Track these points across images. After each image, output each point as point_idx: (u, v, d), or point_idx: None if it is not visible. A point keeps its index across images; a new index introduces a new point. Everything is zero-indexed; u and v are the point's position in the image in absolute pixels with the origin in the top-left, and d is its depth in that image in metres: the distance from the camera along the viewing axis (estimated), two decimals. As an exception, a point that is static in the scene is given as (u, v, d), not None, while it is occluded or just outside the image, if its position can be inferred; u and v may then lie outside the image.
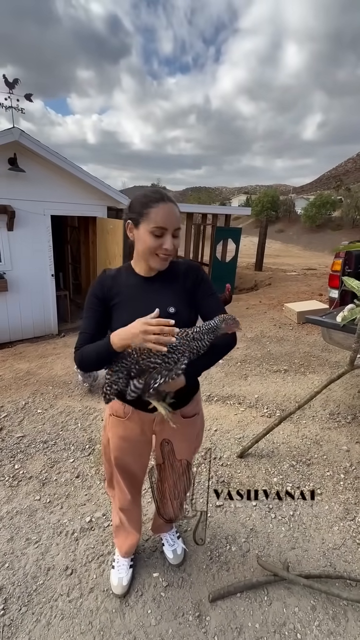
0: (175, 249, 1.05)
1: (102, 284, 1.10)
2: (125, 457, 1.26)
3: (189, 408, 1.21)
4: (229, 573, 1.51)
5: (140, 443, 1.23)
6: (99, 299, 1.09)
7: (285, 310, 5.53)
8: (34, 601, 1.40)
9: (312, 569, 1.50)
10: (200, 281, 1.12)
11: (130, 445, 1.23)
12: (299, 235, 26.95)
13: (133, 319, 1.01)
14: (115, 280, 1.11)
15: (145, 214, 0.99)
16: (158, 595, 1.42)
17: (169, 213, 1.00)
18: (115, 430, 1.23)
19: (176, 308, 1.06)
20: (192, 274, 1.12)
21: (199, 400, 1.29)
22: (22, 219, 5.24)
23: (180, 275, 1.11)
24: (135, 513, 1.41)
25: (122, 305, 1.08)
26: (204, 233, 9.56)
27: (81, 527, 1.74)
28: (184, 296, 1.09)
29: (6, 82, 4.59)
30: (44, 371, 3.67)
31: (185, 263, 1.15)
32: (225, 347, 1.10)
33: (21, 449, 2.35)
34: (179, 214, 1.04)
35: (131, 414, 1.17)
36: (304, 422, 2.65)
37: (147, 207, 0.99)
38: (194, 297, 1.11)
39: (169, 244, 1.01)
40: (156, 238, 1.01)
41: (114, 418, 1.22)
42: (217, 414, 2.78)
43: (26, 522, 1.77)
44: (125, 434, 1.21)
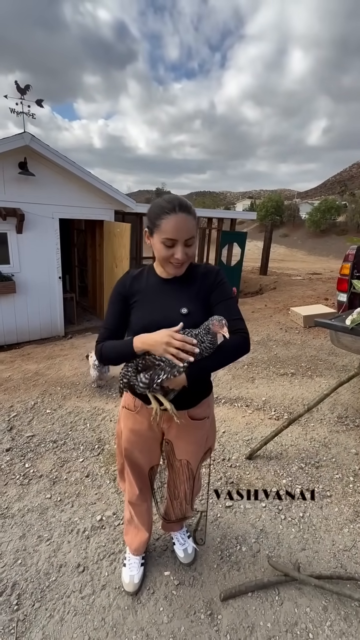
0: (189, 257, 1.06)
1: (125, 283, 1.16)
2: (135, 450, 1.28)
3: (198, 410, 1.22)
4: (239, 573, 1.51)
5: (149, 439, 1.26)
6: (121, 296, 1.15)
7: (292, 314, 5.53)
8: (47, 597, 1.42)
9: (322, 570, 1.50)
10: (217, 284, 1.13)
11: (140, 439, 1.25)
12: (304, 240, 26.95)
13: (148, 317, 1.08)
14: (136, 279, 1.16)
15: (157, 225, 1.02)
16: (170, 593, 1.43)
17: (179, 224, 1.00)
18: (126, 423, 1.26)
19: (189, 309, 1.08)
20: (210, 277, 1.14)
21: (211, 404, 1.30)
22: (31, 222, 5.32)
23: (198, 278, 1.13)
24: (143, 509, 1.42)
25: (139, 304, 1.13)
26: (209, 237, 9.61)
27: (92, 525, 1.76)
28: (199, 298, 1.11)
29: (18, 88, 4.68)
30: (52, 372, 3.70)
31: (205, 267, 1.17)
32: (232, 349, 1.07)
33: (31, 448, 2.38)
34: (193, 224, 1.03)
35: (141, 408, 1.21)
36: (312, 424, 2.65)
37: (159, 218, 1.01)
38: (209, 300, 1.13)
39: (179, 254, 1.03)
40: (168, 248, 1.04)
41: (126, 410, 1.26)
42: (225, 416, 2.79)
43: (37, 520, 1.79)
44: (135, 427, 1.24)
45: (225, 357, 1.08)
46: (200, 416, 1.24)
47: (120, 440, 1.33)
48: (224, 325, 1.00)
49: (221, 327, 1.00)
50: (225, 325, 1.00)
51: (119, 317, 1.15)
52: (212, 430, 1.35)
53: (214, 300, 1.13)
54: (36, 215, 5.35)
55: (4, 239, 5.22)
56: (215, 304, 1.13)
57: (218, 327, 1.00)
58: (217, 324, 1.00)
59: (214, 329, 1.01)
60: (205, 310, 1.12)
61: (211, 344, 1.02)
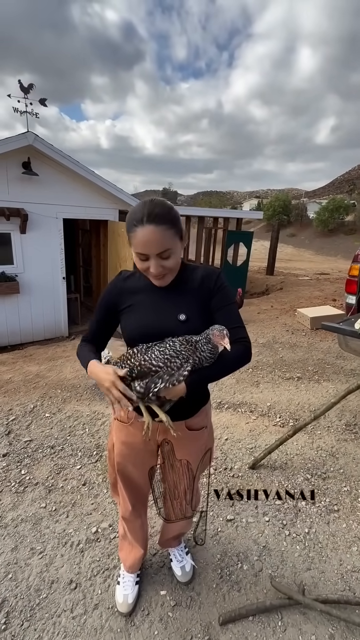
0: (168, 269, 0.97)
1: (114, 288, 1.09)
2: (128, 464, 1.21)
3: (195, 420, 1.15)
4: (240, 594, 1.42)
5: (143, 452, 1.18)
6: (107, 304, 1.10)
7: (298, 316, 5.41)
8: (36, 616, 1.35)
9: (329, 592, 1.41)
10: (217, 289, 1.05)
11: (133, 453, 1.18)
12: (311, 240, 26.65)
13: (143, 323, 1.01)
14: (128, 283, 1.08)
15: (130, 237, 0.94)
16: (165, 615, 1.35)
17: (146, 238, 0.90)
18: (118, 435, 1.19)
19: (187, 316, 1.00)
20: (210, 281, 1.05)
21: (208, 412, 1.22)
22: (35, 222, 5.28)
23: (197, 282, 1.05)
24: (137, 526, 1.35)
25: (134, 309, 1.05)
26: (215, 237, 9.51)
27: (87, 537, 1.69)
28: (198, 304, 1.03)
29: (21, 87, 4.65)
30: (53, 374, 3.65)
31: (205, 269, 1.08)
32: (234, 359, 1.00)
33: (28, 454, 2.32)
34: (167, 234, 0.91)
35: (134, 419, 1.13)
36: (319, 432, 2.55)
37: (130, 229, 0.93)
38: (209, 305, 1.05)
39: (153, 268, 0.95)
40: (142, 261, 0.96)
41: (118, 422, 1.18)
42: (228, 422, 2.70)
43: (31, 531, 1.73)
44: (128, 440, 1.16)
45: (226, 367, 1.01)
46: (198, 426, 1.16)
47: (112, 453, 1.25)
48: (225, 336, 0.93)
49: (222, 337, 0.93)
50: (227, 336, 0.93)
51: (102, 323, 1.12)
52: (210, 441, 1.27)
53: (215, 306, 1.04)
54: (40, 215, 5.32)
55: (7, 239, 5.20)
56: (215, 310, 1.04)
57: (219, 337, 0.93)
58: (217, 334, 0.94)
59: (214, 340, 0.94)
60: (204, 316, 1.03)
61: (211, 354, 0.96)
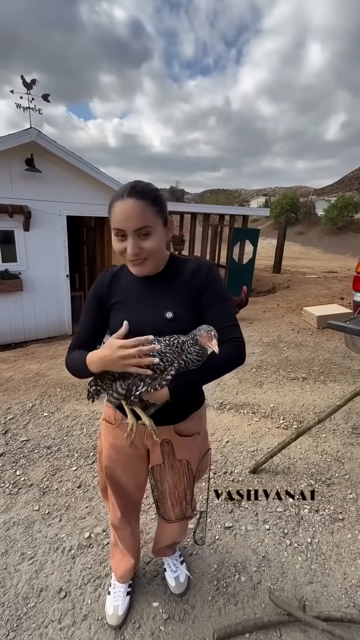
0: (147, 251, 0.88)
1: (102, 283, 1.02)
2: (117, 469, 1.14)
3: (185, 425, 1.06)
4: (237, 608, 1.35)
5: (132, 457, 1.11)
6: (97, 298, 1.02)
7: (305, 314, 5.29)
8: (22, 626, 1.29)
9: (332, 609, 1.32)
10: (208, 284, 0.96)
11: (122, 457, 1.11)
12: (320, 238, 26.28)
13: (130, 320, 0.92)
14: (116, 278, 1.02)
15: (110, 215, 0.89)
16: (157, 629, 1.28)
17: (125, 211, 0.84)
18: (106, 437, 1.12)
19: (175, 313, 0.92)
20: (200, 275, 0.97)
21: (202, 418, 1.14)
22: (38, 220, 5.25)
23: (186, 276, 0.97)
24: (127, 534, 1.27)
25: (120, 306, 0.98)
26: (221, 234, 9.39)
27: (79, 543, 1.63)
28: (187, 300, 0.95)
29: (24, 82, 4.61)
30: (53, 372, 3.61)
31: (196, 262, 1.00)
32: (224, 361, 0.92)
33: (24, 454, 2.27)
34: (148, 211, 0.85)
35: (121, 421, 1.06)
36: (324, 435, 2.45)
37: (110, 206, 0.88)
38: (200, 301, 0.96)
39: (130, 248, 0.87)
40: (120, 241, 0.89)
41: (106, 424, 1.12)
42: (230, 423, 2.61)
43: (22, 535, 1.67)
44: (116, 442, 1.09)
45: (215, 371, 0.92)
46: (189, 432, 1.07)
47: (101, 456, 1.18)
48: (213, 338, 0.84)
49: (209, 339, 0.84)
50: (215, 337, 0.84)
51: (94, 323, 1.02)
52: (204, 448, 1.19)
53: (205, 302, 0.96)
54: (43, 212, 5.28)
55: (10, 237, 5.18)
56: (206, 307, 0.96)
57: (206, 339, 0.84)
58: (205, 335, 0.85)
59: (201, 341, 0.86)
60: (194, 313, 0.95)
61: (199, 357, 0.88)
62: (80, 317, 1.04)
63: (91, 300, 1.03)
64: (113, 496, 1.19)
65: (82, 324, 1.03)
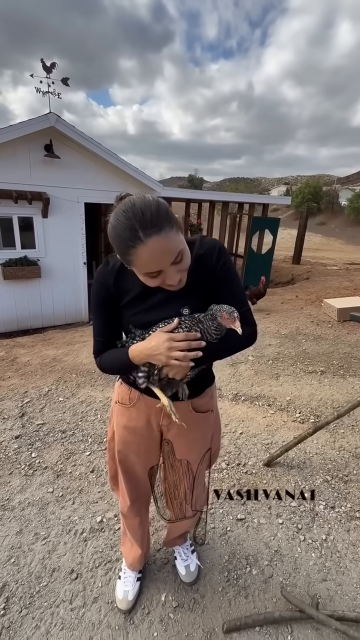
0: (184, 270, 0.83)
1: (106, 284, 0.91)
2: (130, 453, 1.12)
3: (201, 401, 1.06)
4: (247, 600, 1.33)
5: (146, 439, 1.09)
6: (105, 300, 0.93)
7: (325, 307, 5.13)
8: (35, 604, 1.32)
9: (346, 609, 1.28)
10: (219, 267, 0.90)
11: (136, 438, 1.09)
12: (342, 229, 25.41)
13: (142, 319, 0.89)
14: (120, 275, 0.90)
15: (129, 261, 0.78)
16: (166, 616, 1.28)
17: (155, 253, 0.74)
18: (119, 420, 1.10)
19: (191, 308, 0.89)
20: (211, 259, 0.90)
21: (214, 395, 1.14)
22: (56, 206, 5.26)
23: (196, 263, 0.89)
24: (136, 524, 1.27)
25: (132, 305, 0.91)
26: (239, 224, 9.19)
27: (91, 527, 1.64)
28: (200, 289, 0.90)
29: (44, 66, 4.56)
30: (69, 358, 3.65)
31: (201, 244, 0.92)
32: (240, 340, 0.92)
33: (40, 437, 2.31)
34: (173, 239, 0.76)
35: (137, 400, 1.04)
36: (342, 431, 2.38)
37: (126, 254, 0.76)
38: (211, 285, 0.92)
39: (171, 279, 0.81)
40: (154, 278, 0.81)
41: (119, 406, 1.09)
42: (244, 415, 2.57)
43: (36, 516, 1.71)
44: (130, 424, 1.07)
45: (232, 347, 0.92)
46: (205, 408, 1.08)
47: (112, 443, 1.17)
48: (236, 319, 0.82)
49: (232, 321, 0.82)
50: (237, 318, 0.82)
51: (110, 324, 0.96)
52: (217, 426, 1.19)
53: (218, 286, 0.92)
54: (61, 199, 5.29)
55: (29, 224, 5.23)
56: (218, 290, 0.92)
57: (229, 321, 0.83)
58: (226, 316, 0.83)
59: (223, 322, 0.84)
60: (207, 300, 0.91)
61: (217, 332, 0.86)
62: (93, 321, 0.99)
63: (100, 302, 0.94)
64: (124, 484, 1.18)
65: (99, 328, 0.97)
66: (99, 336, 0.98)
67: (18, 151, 4.75)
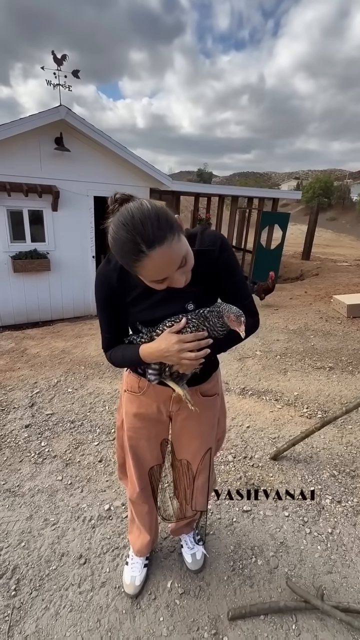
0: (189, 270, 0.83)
1: (109, 283, 0.90)
2: (141, 439, 1.14)
3: (208, 386, 1.09)
4: (252, 589, 1.34)
5: (157, 425, 1.12)
6: (110, 297, 0.92)
7: (334, 303, 5.08)
8: (45, 587, 1.36)
9: (351, 601, 1.29)
10: (222, 260, 0.90)
11: (146, 425, 1.11)
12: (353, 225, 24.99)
13: (148, 317, 0.91)
14: (123, 272, 0.88)
15: (135, 272, 0.78)
16: (172, 602, 1.30)
17: (160, 264, 0.73)
18: (129, 407, 1.12)
19: (195, 303, 0.89)
20: (214, 252, 0.89)
21: (219, 379, 1.16)
22: (66, 200, 5.28)
23: (199, 257, 0.87)
24: (144, 511, 1.29)
25: (137, 302, 0.91)
26: (248, 219, 9.11)
27: (99, 514, 1.67)
28: (203, 283, 0.90)
29: (55, 58, 4.55)
30: (78, 351, 3.69)
31: (202, 237, 0.90)
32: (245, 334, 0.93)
33: (49, 427, 2.35)
34: (177, 246, 0.74)
35: (147, 388, 1.06)
36: (350, 427, 2.36)
37: (131, 267, 0.75)
38: (214, 277, 0.92)
39: (177, 282, 0.81)
40: (160, 283, 0.80)
41: (129, 394, 1.11)
42: (251, 409, 2.58)
43: (46, 502, 1.75)
44: (140, 411, 1.09)
45: (236, 339, 0.93)
46: (211, 392, 1.12)
47: (120, 432, 1.19)
48: (242, 323, 0.84)
49: (239, 324, 0.84)
50: (243, 322, 0.84)
51: (116, 321, 0.97)
52: (223, 410, 1.22)
53: (221, 278, 0.93)
54: (71, 192, 5.30)
55: (39, 217, 5.26)
56: (221, 283, 0.93)
57: (235, 324, 0.85)
58: (233, 319, 0.84)
59: (229, 323, 0.86)
60: (211, 293, 0.93)
61: (223, 329, 0.87)
62: (99, 318, 0.99)
63: (104, 300, 0.94)
64: (133, 470, 1.20)
65: (106, 326, 0.99)
66: (107, 332, 0.99)
67: (29, 144, 4.77)
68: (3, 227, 4.97)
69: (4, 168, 4.71)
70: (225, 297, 0.95)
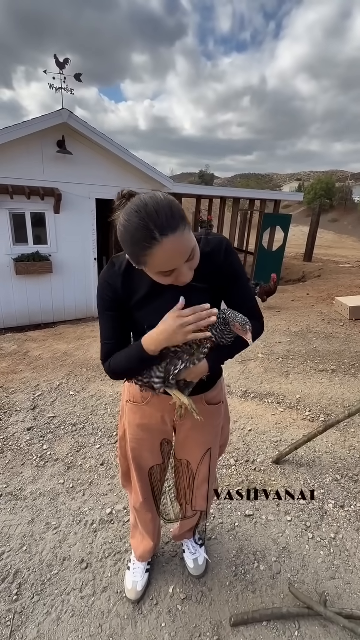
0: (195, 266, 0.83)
1: (113, 286, 0.89)
2: (144, 450, 1.13)
3: (213, 394, 1.09)
4: (255, 595, 1.34)
5: (158, 434, 1.11)
6: (113, 302, 0.90)
7: (336, 305, 5.06)
8: (46, 591, 1.35)
9: (354, 607, 1.28)
10: (228, 265, 0.90)
11: (150, 436, 1.10)
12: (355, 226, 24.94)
13: (153, 321, 0.87)
14: (128, 276, 0.88)
15: (143, 262, 0.76)
16: (174, 607, 1.29)
17: (171, 254, 0.73)
18: (132, 418, 1.10)
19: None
20: (219, 256, 0.89)
21: (223, 387, 1.16)
22: (68, 202, 5.31)
23: (203, 261, 0.87)
24: (148, 519, 1.28)
25: (142, 303, 0.90)
26: (250, 220, 9.11)
27: (101, 518, 1.67)
28: (208, 286, 0.90)
29: (57, 62, 4.58)
30: (80, 353, 3.70)
31: (207, 241, 0.90)
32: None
33: (51, 430, 2.35)
34: (187, 237, 0.74)
35: (150, 398, 1.05)
36: (353, 430, 2.35)
37: (140, 255, 0.74)
38: (218, 280, 0.91)
39: (185, 276, 0.80)
40: (167, 277, 0.80)
41: (131, 405, 1.09)
42: (253, 412, 2.57)
43: (48, 506, 1.74)
44: (144, 421, 1.08)
45: (244, 345, 0.93)
46: (216, 400, 1.11)
47: (123, 442, 1.18)
48: (248, 332, 0.83)
49: (245, 333, 0.84)
50: (250, 330, 0.83)
51: (120, 326, 0.93)
52: (226, 417, 1.21)
53: (226, 283, 0.93)
54: (73, 195, 5.33)
55: (42, 219, 5.28)
56: (226, 287, 0.93)
57: (241, 332, 0.84)
58: (239, 327, 0.84)
59: (235, 331, 0.86)
60: (215, 296, 0.93)
61: (230, 336, 0.87)
62: (100, 324, 0.95)
63: (107, 305, 0.91)
64: (137, 481, 1.19)
65: (108, 331, 0.94)
66: (108, 339, 0.94)
67: (31, 147, 4.80)
68: (5, 230, 4.99)
69: (6, 171, 4.74)
70: (230, 301, 0.95)
